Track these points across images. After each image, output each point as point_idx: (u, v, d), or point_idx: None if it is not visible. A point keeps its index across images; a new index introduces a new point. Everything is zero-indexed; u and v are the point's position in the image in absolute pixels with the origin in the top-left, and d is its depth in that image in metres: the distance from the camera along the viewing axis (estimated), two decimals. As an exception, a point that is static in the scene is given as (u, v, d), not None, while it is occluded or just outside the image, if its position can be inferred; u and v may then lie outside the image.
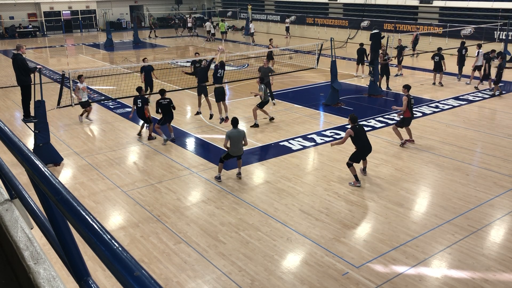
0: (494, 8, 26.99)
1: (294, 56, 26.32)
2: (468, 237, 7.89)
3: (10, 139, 2.12)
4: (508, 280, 6.76)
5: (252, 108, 14.38)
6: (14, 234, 2.22)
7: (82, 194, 9.70)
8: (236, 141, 10.09)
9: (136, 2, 46.48)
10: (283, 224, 8.37)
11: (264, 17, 41.84)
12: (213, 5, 50.09)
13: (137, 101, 13.04)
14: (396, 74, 21.08)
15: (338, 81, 16.52)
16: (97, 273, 6.75)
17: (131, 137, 13.50)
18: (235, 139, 10.06)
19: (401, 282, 6.71)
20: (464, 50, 19.96)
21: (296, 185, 10.03)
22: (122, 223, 8.56)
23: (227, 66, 24.59)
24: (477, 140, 12.78)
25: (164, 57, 28.20)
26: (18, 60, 11.16)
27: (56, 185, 1.64)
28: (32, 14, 41.27)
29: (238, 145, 10.15)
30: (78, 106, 14.43)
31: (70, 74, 13.06)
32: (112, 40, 33.54)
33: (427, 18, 30.60)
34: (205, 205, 9.18)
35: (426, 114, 15.30)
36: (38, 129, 11.06)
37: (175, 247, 7.66)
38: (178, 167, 11.16)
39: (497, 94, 17.59)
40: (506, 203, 9.10)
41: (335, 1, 36.51)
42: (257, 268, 7.07)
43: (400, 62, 21.34)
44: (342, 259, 7.29)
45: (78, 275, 1.78)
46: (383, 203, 9.15)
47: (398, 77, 20.90)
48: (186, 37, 38.53)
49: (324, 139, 12.92)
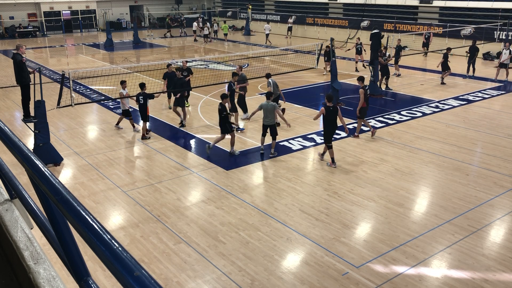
0: (494, 8, 26.99)
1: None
2: (468, 237, 7.89)
3: (10, 139, 2.12)
4: (508, 280, 6.76)
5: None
6: (14, 234, 2.22)
7: (82, 194, 9.70)
8: (267, 112, 11.35)
9: (136, 2, 46.48)
10: (283, 224, 8.37)
11: (264, 17, 41.84)
12: (213, 5, 50.10)
13: (139, 98, 12.98)
14: (394, 73, 21.11)
15: (338, 81, 16.52)
16: (97, 273, 6.75)
17: (131, 137, 13.50)
18: (266, 110, 11.34)
19: (401, 282, 6.72)
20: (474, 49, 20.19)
21: (296, 185, 10.03)
22: (122, 223, 8.56)
23: (227, 66, 24.65)
24: (477, 140, 12.78)
25: (164, 57, 28.20)
26: (16, 60, 11.21)
27: (56, 185, 1.64)
28: (32, 14, 41.27)
29: (269, 115, 11.36)
30: (78, 106, 14.42)
31: (70, 74, 13.05)
32: (112, 40, 33.53)
33: (427, 18, 30.61)
34: (205, 205, 9.18)
35: (426, 114, 15.30)
36: (38, 129, 11.06)
37: (175, 247, 7.66)
38: (178, 167, 11.16)
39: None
40: (506, 203, 9.10)
41: (335, 1, 36.51)
42: (257, 268, 7.07)
43: (397, 62, 21.38)
44: (342, 259, 7.29)
45: (78, 275, 1.78)
46: (383, 203, 9.15)
47: (397, 77, 20.91)
48: (196, 42, 37.98)
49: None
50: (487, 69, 23.06)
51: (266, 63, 25.08)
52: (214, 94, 18.24)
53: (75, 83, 19.54)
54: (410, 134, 13.28)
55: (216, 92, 18.51)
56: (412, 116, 15.06)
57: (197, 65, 24.19)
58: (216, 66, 24.70)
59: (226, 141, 12.91)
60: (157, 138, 13.35)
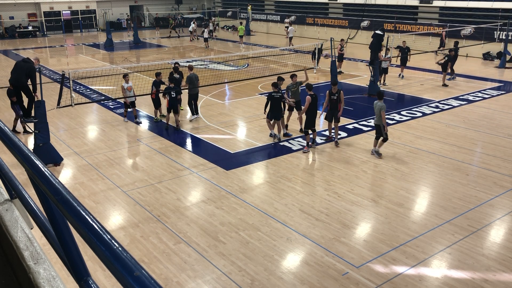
0: (494, 8, 27.00)
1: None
2: (468, 237, 7.89)
3: (10, 139, 2.12)
4: (508, 280, 6.76)
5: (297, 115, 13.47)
6: (14, 234, 2.22)
7: (82, 194, 9.70)
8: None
9: (136, 2, 46.49)
10: (283, 224, 8.37)
11: (264, 17, 41.85)
12: (213, 5, 50.10)
13: (171, 93, 13.43)
14: (399, 74, 20.83)
15: (338, 81, 16.51)
16: (97, 273, 6.75)
17: (131, 137, 13.51)
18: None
19: (401, 282, 6.72)
20: (456, 50, 20.11)
21: (296, 185, 10.03)
22: (122, 223, 8.56)
23: (227, 66, 24.67)
24: (477, 140, 12.78)
25: (164, 57, 28.20)
26: (29, 67, 10.99)
27: (56, 185, 1.64)
28: (32, 14, 41.26)
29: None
30: (78, 106, 14.43)
31: (70, 74, 13.05)
32: (112, 40, 33.53)
33: (427, 18, 30.61)
34: (205, 205, 9.18)
35: (426, 114, 15.31)
36: (38, 129, 11.06)
37: (175, 247, 7.66)
38: (178, 167, 11.16)
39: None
40: (506, 203, 9.11)
41: (335, 1, 36.51)
42: (257, 268, 7.07)
43: (404, 64, 20.66)
44: (342, 259, 7.29)
45: (78, 275, 1.78)
46: (383, 203, 9.15)
47: (401, 79, 20.66)
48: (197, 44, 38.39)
49: (324, 139, 12.92)
50: (487, 69, 23.07)
51: (266, 63, 25.08)
52: (214, 94, 18.24)
53: (75, 83, 19.53)
54: (410, 134, 13.28)
55: (216, 92, 18.52)
56: (412, 116, 15.06)
57: (197, 65, 24.18)
58: (216, 66, 24.71)
59: (226, 141, 12.92)
60: (157, 138, 13.36)
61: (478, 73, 21.50)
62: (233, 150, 12.23)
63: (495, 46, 25.76)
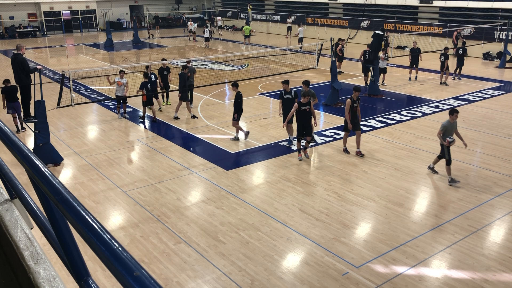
0: (494, 8, 27.00)
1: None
2: (468, 237, 7.89)
3: (10, 139, 2.12)
4: (508, 280, 6.76)
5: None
6: (14, 234, 2.22)
7: (82, 194, 9.70)
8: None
9: (136, 2, 46.49)
10: (283, 224, 8.37)
11: (264, 17, 41.85)
12: (213, 5, 50.10)
13: (147, 86, 14.29)
14: (415, 77, 20.18)
15: (338, 81, 16.53)
16: (97, 273, 6.75)
17: (131, 137, 13.51)
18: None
19: (401, 282, 6.72)
20: (462, 50, 20.04)
21: (296, 185, 10.03)
22: (122, 223, 8.56)
23: (227, 66, 24.65)
24: (477, 140, 12.78)
25: (164, 57, 28.18)
26: (19, 60, 11.16)
27: (56, 185, 1.64)
28: (32, 14, 41.27)
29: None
30: (78, 106, 14.44)
31: (70, 74, 13.06)
32: (112, 40, 33.53)
33: (427, 18, 30.61)
34: (205, 205, 9.18)
35: (426, 114, 15.30)
36: (38, 129, 11.06)
37: (175, 247, 7.66)
38: (178, 167, 11.16)
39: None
40: (506, 203, 9.11)
41: (335, 1, 36.51)
42: (257, 268, 7.07)
43: (416, 65, 19.92)
44: (342, 259, 7.29)
45: (78, 275, 1.78)
46: (383, 203, 9.15)
47: (412, 81, 20.00)
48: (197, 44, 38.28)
49: (324, 139, 12.92)
50: (487, 69, 23.06)
51: (266, 63, 25.07)
52: (214, 94, 18.24)
53: (75, 83, 19.54)
54: (410, 134, 13.28)
55: (216, 92, 18.52)
56: (412, 116, 15.06)
57: (197, 65, 24.18)
58: (216, 66, 24.71)
59: (226, 141, 12.92)
60: (157, 138, 13.36)
61: (478, 73, 21.50)
62: (233, 150, 12.23)
63: (495, 46, 25.76)
